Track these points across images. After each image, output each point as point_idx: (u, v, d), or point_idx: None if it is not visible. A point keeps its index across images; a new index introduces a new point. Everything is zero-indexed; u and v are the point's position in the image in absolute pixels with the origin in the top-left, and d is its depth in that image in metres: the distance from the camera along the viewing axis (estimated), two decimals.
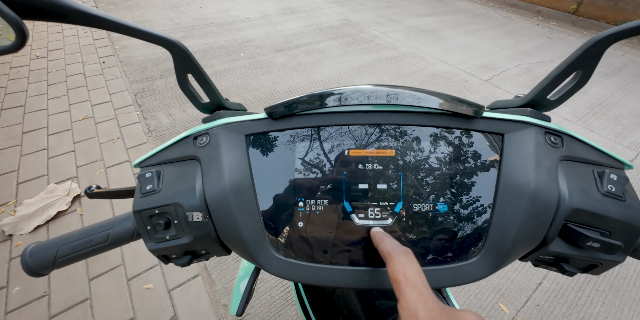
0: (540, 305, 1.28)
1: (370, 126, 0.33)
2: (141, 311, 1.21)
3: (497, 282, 1.35)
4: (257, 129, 0.34)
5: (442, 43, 3.55)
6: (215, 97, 0.37)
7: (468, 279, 0.30)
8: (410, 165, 0.32)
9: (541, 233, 0.30)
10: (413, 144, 0.33)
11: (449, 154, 0.32)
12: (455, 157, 0.32)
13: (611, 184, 0.31)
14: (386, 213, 0.32)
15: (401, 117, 0.33)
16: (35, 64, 2.78)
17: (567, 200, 0.30)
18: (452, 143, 0.33)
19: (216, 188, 0.32)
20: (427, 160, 0.32)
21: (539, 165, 0.30)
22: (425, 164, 0.32)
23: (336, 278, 0.31)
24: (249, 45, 3.30)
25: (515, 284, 1.34)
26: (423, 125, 0.33)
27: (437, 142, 0.33)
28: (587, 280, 1.37)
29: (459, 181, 0.31)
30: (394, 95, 0.32)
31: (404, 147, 0.33)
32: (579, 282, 1.36)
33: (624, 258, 0.31)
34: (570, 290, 1.33)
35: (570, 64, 0.30)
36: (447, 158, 0.32)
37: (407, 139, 0.33)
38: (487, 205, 0.31)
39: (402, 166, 0.32)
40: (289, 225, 0.32)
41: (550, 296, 1.31)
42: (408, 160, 0.32)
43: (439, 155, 0.32)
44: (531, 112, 0.34)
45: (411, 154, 0.32)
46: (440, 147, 0.32)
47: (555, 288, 1.34)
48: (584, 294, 1.32)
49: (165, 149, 0.37)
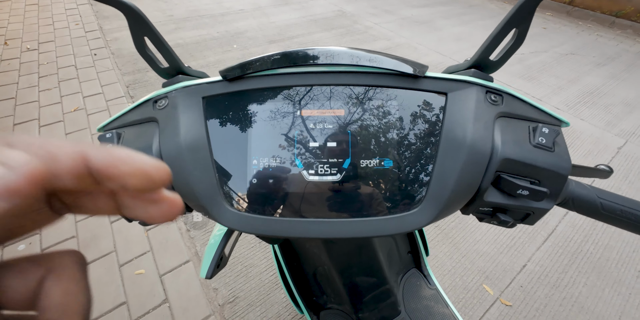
0: (524, 286, 1.31)
1: (319, 86, 0.35)
2: (133, 295, 1.24)
3: (482, 264, 1.38)
4: (214, 91, 0.35)
5: (436, 33, 3.54)
6: (175, 62, 0.38)
7: (410, 227, 0.32)
8: (359, 123, 0.34)
9: (476, 182, 0.32)
10: (361, 104, 0.34)
11: (396, 113, 0.34)
12: (401, 115, 0.34)
13: (542, 137, 0.32)
14: (335, 169, 0.33)
15: (350, 77, 0.35)
16: (26, 57, 2.77)
17: (499, 150, 0.32)
18: (398, 102, 0.34)
19: (171, 145, 0.34)
20: (374, 119, 0.34)
21: (477, 120, 0.32)
22: (372, 123, 0.34)
23: (285, 229, 0.33)
24: (242, 36, 3.28)
25: (500, 267, 1.38)
26: (370, 85, 0.35)
27: (384, 101, 0.34)
28: (571, 262, 1.40)
29: (404, 138, 0.33)
30: (341, 56, 0.33)
31: (353, 106, 0.34)
32: (563, 264, 1.39)
33: (552, 205, 0.33)
34: (554, 272, 1.36)
35: (507, 23, 0.32)
36: (394, 117, 0.34)
37: (355, 98, 0.34)
38: (429, 159, 0.33)
39: (350, 125, 0.34)
40: (242, 181, 0.34)
41: (534, 278, 1.34)
42: (356, 119, 0.34)
43: (386, 114, 0.34)
44: (474, 73, 0.36)
45: (360, 113, 0.34)
46: (388, 106, 0.34)
47: (539, 270, 1.37)
48: (567, 275, 1.35)
49: (126, 113, 0.39)
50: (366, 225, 0.32)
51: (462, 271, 1.36)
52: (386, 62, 0.33)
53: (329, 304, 0.76)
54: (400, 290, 0.71)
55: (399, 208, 0.32)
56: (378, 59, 0.33)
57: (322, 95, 0.34)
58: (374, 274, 0.63)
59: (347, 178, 0.33)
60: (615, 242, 1.48)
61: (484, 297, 1.27)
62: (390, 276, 0.65)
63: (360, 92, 0.34)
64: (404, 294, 0.72)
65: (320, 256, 0.64)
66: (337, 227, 0.33)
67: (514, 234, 1.51)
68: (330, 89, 0.35)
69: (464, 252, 1.43)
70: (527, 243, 1.47)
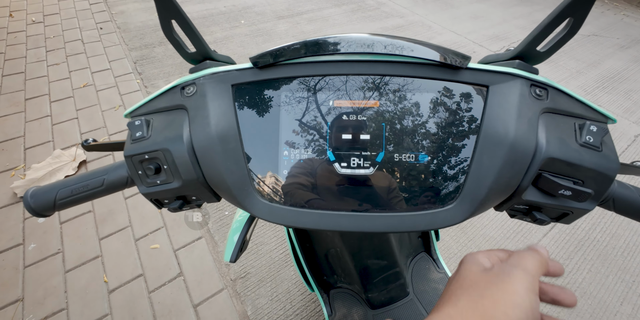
0: None
1: (355, 76, 0.34)
2: (149, 268, 1.29)
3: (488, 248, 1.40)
4: (243, 79, 0.34)
5: (452, 11, 3.37)
6: (202, 47, 0.37)
7: (443, 224, 0.32)
8: (394, 116, 0.33)
9: (515, 181, 0.31)
10: (397, 95, 0.33)
11: (433, 106, 0.33)
12: (438, 108, 0.32)
13: (590, 135, 0.31)
14: (368, 162, 0.33)
15: (387, 68, 0.33)
16: (32, 30, 2.71)
17: (543, 149, 0.30)
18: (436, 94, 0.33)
19: (203, 135, 0.33)
20: (410, 111, 0.33)
21: (520, 116, 0.31)
22: (408, 115, 0.33)
23: (316, 221, 0.33)
24: (250, 11, 3.16)
25: None
26: (408, 76, 0.33)
27: (422, 93, 0.33)
28: (577, 249, 1.41)
29: (441, 132, 0.32)
30: (380, 45, 0.32)
31: (389, 98, 0.33)
32: (568, 251, 1.41)
33: (594, 206, 0.32)
34: (559, 258, 1.38)
35: (562, 12, 0.29)
36: (431, 109, 0.32)
37: (391, 89, 0.33)
38: (466, 155, 0.32)
39: (385, 117, 0.33)
40: (273, 172, 0.34)
41: None
42: (392, 111, 0.33)
43: (423, 107, 0.33)
44: (519, 64, 0.34)
45: (395, 105, 0.33)
46: (425, 98, 0.33)
47: None
48: (572, 261, 1.37)
49: (154, 100, 0.38)
50: (397, 220, 0.32)
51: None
52: (427, 53, 0.31)
53: (339, 283, 0.79)
54: (409, 273, 0.73)
55: (432, 204, 0.32)
56: (418, 48, 0.31)
57: (356, 86, 0.33)
58: (385, 258, 0.64)
59: (381, 172, 0.32)
60: (623, 231, 1.48)
61: None
62: (401, 259, 0.66)
63: (397, 83, 0.33)
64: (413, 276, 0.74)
65: (334, 239, 0.65)
66: (367, 222, 0.33)
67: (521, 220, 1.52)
68: (365, 79, 0.33)
69: (470, 236, 1.45)
70: (534, 229, 1.48)
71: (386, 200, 0.33)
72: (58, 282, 1.24)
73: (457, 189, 0.32)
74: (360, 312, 0.70)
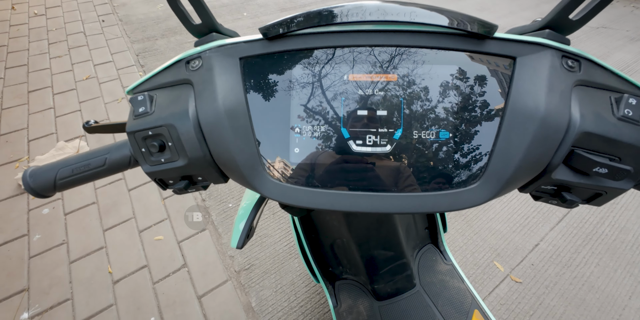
0: (535, 264, 1.32)
1: (371, 47, 0.31)
2: (153, 259, 1.29)
3: (494, 242, 1.39)
4: (252, 52, 0.33)
5: (458, 3, 3.32)
6: (208, 18, 0.35)
7: (465, 205, 0.30)
8: (413, 90, 0.31)
9: (546, 159, 0.29)
10: (417, 68, 0.31)
11: (455, 79, 0.30)
12: (461, 82, 0.30)
13: (629, 109, 0.29)
14: (385, 140, 0.31)
15: (405, 38, 0.31)
16: (35, 22, 2.70)
17: (577, 124, 0.28)
18: (458, 66, 0.31)
19: (210, 111, 0.31)
20: (430, 86, 0.31)
21: (551, 90, 0.29)
22: (428, 89, 0.31)
23: (330, 202, 0.31)
24: (252, 3, 3.13)
25: (512, 245, 1.38)
26: (429, 47, 0.31)
27: (443, 66, 0.31)
28: (585, 243, 1.39)
29: (464, 107, 0.30)
30: (397, 13, 0.29)
31: (407, 71, 0.31)
32: (576, 244, 1.39)
33: (630, 186, 0.30)
34: (567, 252, 1.36)
35: None
36: (453, 83, 0.30)
37: (410, 61, 0.31)
38: (491, 131, 0.30)
39: (403, 91, 0.31)
40: (284, 150, 0.32)
41: (546, 257, 1.35)
42: (411, 85, 0.31)
43: (444, 80, 0.31)
44: (549, 34, 0.32)
45: (414, 79, 0.31)
46: (446, 71, 0.31)
47: (551, 249, 1.37)
48: (580, 255, 1.35)
49: (157, 75, 0.36)
50: (417, 201, 0.30)
51: (473, 248, 1.37)
52: (449, 21, 0.29)
53: (344, 274, 0.78)
54: (416, 264, 0.72)
55: (454, 184, 0.30)
56: (439, 17, 0.29)
57: (372, 58, 0.31)
58: (391, 248, 0.63)
59: (398, 150, 0.31)
60: (632, 225, 1.46)
61: (495, 273, 1.29)
62: (407, 250, 0.65)
63: (417, 54, 0.31)
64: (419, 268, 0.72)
65: (340, 229, 0.64)
66: (384, 203, 0.31)
67: (528, 213, 1.50)
68: (383, 50, 0.31)
69: (476, 229, 1.44)
70: (541, 223, 1.46)
71: (404, 179, 0.31)
72: (63, 273, 1.24)
73: (481, 168, 0.30)
74: (366, 303, 0.69)
